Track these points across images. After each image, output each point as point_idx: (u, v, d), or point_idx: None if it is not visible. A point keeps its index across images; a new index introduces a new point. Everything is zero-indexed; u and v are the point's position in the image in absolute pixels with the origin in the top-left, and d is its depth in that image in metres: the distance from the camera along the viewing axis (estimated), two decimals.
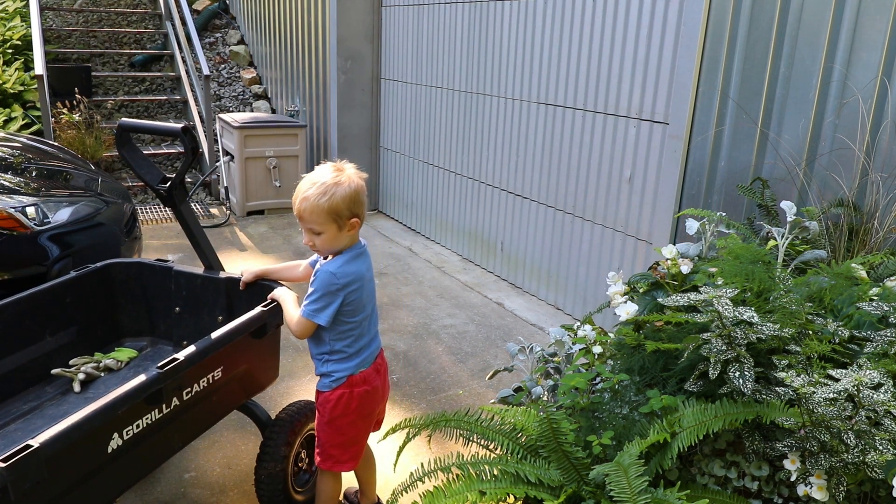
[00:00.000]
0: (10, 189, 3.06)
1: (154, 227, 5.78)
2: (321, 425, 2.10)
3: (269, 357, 2.37)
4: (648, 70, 3.58)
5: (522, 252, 4.72)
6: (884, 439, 1.54)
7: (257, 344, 2.19)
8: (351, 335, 2.01)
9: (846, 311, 1.94)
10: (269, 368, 2.38)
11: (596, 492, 1.64)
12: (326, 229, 1.90)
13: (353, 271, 1.95)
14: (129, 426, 1.74)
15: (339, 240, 1.93)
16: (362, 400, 2.07)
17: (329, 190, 1.87)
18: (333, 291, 1.92)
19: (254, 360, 2.26)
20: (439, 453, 1.87)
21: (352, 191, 1.90)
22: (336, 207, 1.87)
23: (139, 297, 2.64)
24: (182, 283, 2.55)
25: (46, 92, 5.83)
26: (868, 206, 2.58)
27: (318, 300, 1.92)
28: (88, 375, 2.44)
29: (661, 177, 3.47)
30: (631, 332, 2.07)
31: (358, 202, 1.92)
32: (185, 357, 1.85)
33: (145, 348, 2.65)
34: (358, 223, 1.94)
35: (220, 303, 2.47)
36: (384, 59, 6.25)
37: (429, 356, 3.73)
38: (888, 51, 2.54)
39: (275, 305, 2.16)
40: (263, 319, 2.13)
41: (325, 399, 2.06)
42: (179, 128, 2.20)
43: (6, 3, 7.75)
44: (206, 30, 8.97)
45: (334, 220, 1.89)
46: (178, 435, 1.99)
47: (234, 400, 2.24)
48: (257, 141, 6.11)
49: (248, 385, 2.29)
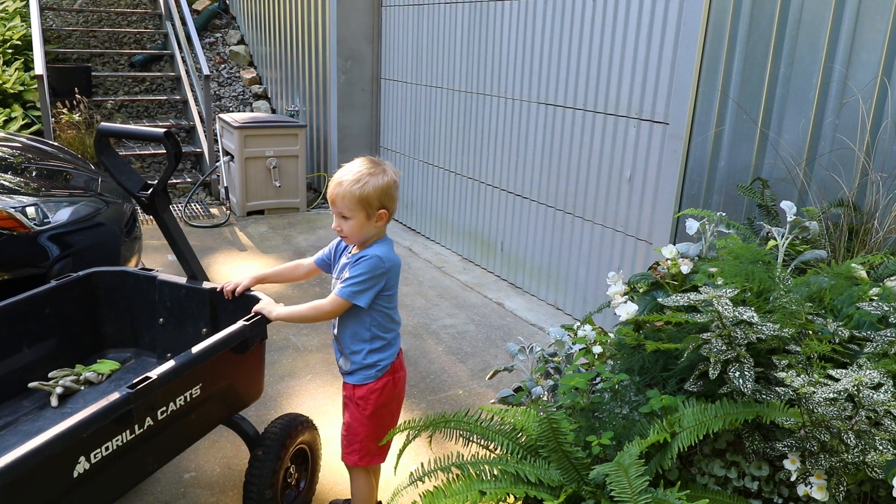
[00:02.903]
0: (10, 189, 3.06)
1: (154, 227, 5.77)
2: (361, 420, 2.12)
3: (253, 372, 2.27)
4: (648, 70, 3.58)
5: (522, 252, 4.72)
6: (884, 439, 1.54)
7: (240, 359, 2.11)
8: (389, 325, 2.10)
9: (846, 311, 1.94)
10: (252, 384, 2.29)
11: (596, 492, 1.64)
12: (355, 216, 1.96)
13: (395, 258, 2.05)
14: (98, 449, 1.64)
15: (365, 228, 1.99)
16: (401, 385, 2.20)
17: (363, 178, 1.95)
18: (379, 275, 1.99)
19: (236, 375, 2.16)
20: (439, 453, 1.87)
21: (384, 183, 1.97)
22: (367, 196, 1.94)
23: (123, 307, 2.54)
24: (166, 293, 2.44)
25: (46, 92, 5.83)
26: (868, 206, 2.58)
27: (362, 283, 1.97)
28: (67, 389, 2.35)
29: (661, 177, 3.47)
30: (631, 332, 2.07)
31: (389, 195, 1.99)
32: (159, 376, 1.75)
33: (129, 360, 2.56)
34: (386, 215, 2.00)
35: (204, 314, 2.37)
36: (384, 59, 6.25)
37: (429, 356, 3.73)
38: (888, 51, 2.54)
39: (257, 320, 2.09)
40: (245, 334, 2.04)
41: (369, 391, 2.10)
42: (162, 132, 2.11)
43: (6, 3, 7.75)
44: (206, 30, 8.97)
45: (364, 207, 1.95)
46: (152, 456, 1.89)
47: (215, 418, 2.14)
48: (257, 141, 6.11)
49: (231, 402, 2.20)
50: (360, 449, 2.15)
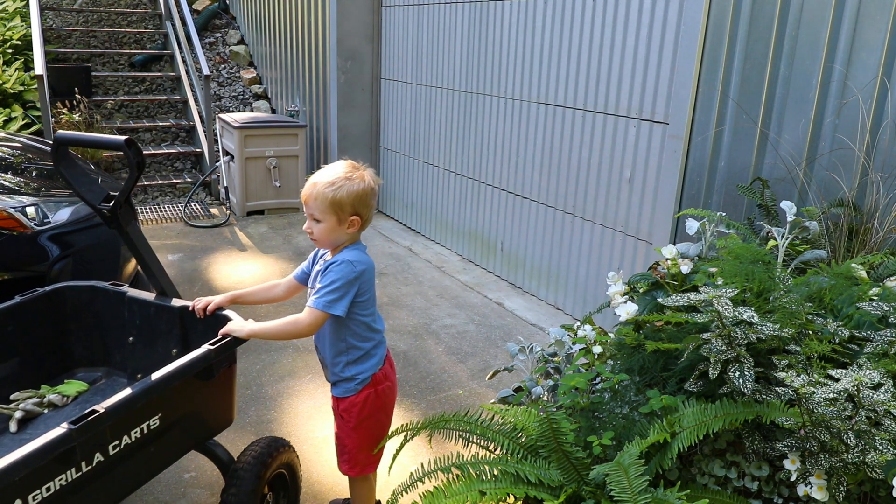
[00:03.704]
0: (10, 189, 3.06)
1: (154, 227, 5.78)
2: (347, 432, 2.08)
3: (222, 398, 2.11)
4: (648, 70, 3.58)
5: (522, 252, 4.72)
6: (884, 439, 1.54)
7: (206, 385, 1.97)
8: (368, 330, 2.02)
9: (846, 311, 1.94)
10: (221, 411, 2.13)
11: (596, 492, 1.64)
12: (326, 219, 1.91)
13: (367, 261, 1.98)
14: (37, 490, 1.48)
15: (336, 233, 1.94)
16: (386, 397, 2.11)
17: (338, 182, 1.90)
18: (352, 280, 1.92)
19: (202, 403, 2.01)
20: (439, 453, 1.87)
21: (360, 189, 1.91)
22: (339, 200, 1.89)
23: (93, 323, 2.39)
24: (135, 310, 2.29)
25: (46, 92, 5.83)
26: (868, 206, 2.58)
27: (335, 290, 1.89)
28: (28, 413, 2.18)
29: (661, 177, 3.47)
30: (631, 332, 2.07)
31: (363, 202, 1.93)
32: (107, 409, 1.60)
33: (99, 380, 2.41)
34: (358, 222, 1.94)
35: (175, 334, 2.23)
36: (384, 59, 6.25)
37: (429, 356, 3.73)
38: (888, 51, 2.54)
39: (224, 343, 1.95)
40: (209, 360, 1.89)
41: (350, 404, 2.05)
42: (122, 140, 1.96)
43: (6, 3, 7.75)
44: (206, 30, 8.97)
45: (335, 212, 1.90)
46: (103, 494, 1.71)
47: (179, 448, 1.99)
48: (257, 141, 6.11)
49: (196, 431, 2.04)
50: (349, 460, 2.12)
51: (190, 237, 5.57)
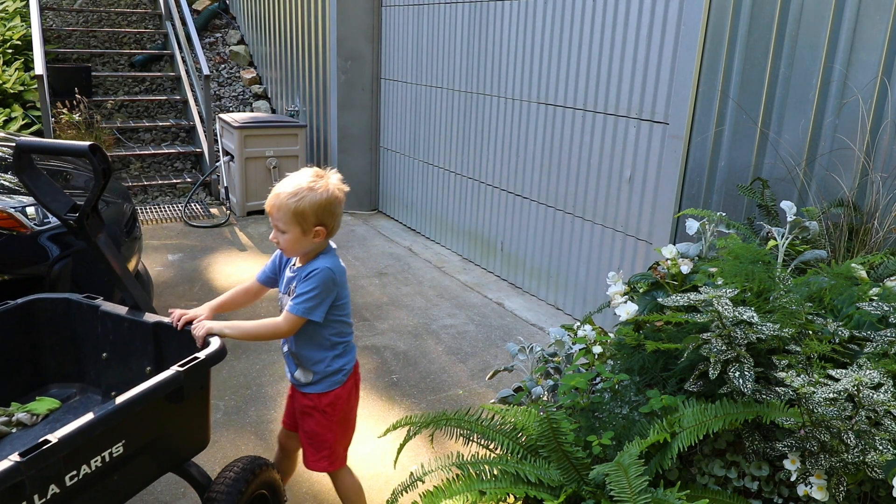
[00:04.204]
0: (10, 189, 3.06)
1: (154, 227, 5.78)
2: (330, 427, 2.09)
3: (194, 421, 1.97)
4: (648, 70, 3.58)
5: (522, 252, 4.72)
6: (884, 439, 1.54)
7: (176, 408, 1.83)
8: (346, 330, 2.08)
9: (846, 311, 1.94)
10: (194, 434, 1.99)
11: (596, 492, 1.64)
12: (290, 230, 1.90)
13: (342, 267, 2.01)
14: None
15: (302, 244, 1.94)
16: (359, 384, 2.21)
17: (301, 192, 1.88)
18: (331, 287, 1.94)
19: (172, 426, 1.89)
20: (439, 453, 1.87)
21: (323, 199, 1.90)
22: (302, 211, 1.88)
23: (67, 337, 2.26)
24: (108, 325, 2.17)
25: (46, 92, 5.82)
26: (868, 206, 2.58)
27: (314, 297, 1.92)
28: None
29: (661, 177, 3.47)
30: (631, 332, 2.07)
31: (328, 212, 1.92)
32: (61, 439, 1.47)
33: (73, 397, 2.28)
34: (323, 232, 1.93)
35: (148, 351, 2.10)
36: (384, 59, 6.25)
37: (429, 356, 3.73)
38: (888, 51, 2.54)
39: (195, 365, 1.81)
40: (179, 382, 1.76)
41: (335, 397, 2.08)
42: (86, 146, 1.85)
43: (6, 3, 7.75)
44: (206, 30, 8.97)
45: (298, 223, 1.89)
46: None
47: (146, 476, 1.86)
48: (257, 141, 6.10)
49: (166, 456, 1.91)
50: (329, 455, 2.12)
51: (190, 237, 5.57)
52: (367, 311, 4.25)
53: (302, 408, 2.11)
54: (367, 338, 3.89)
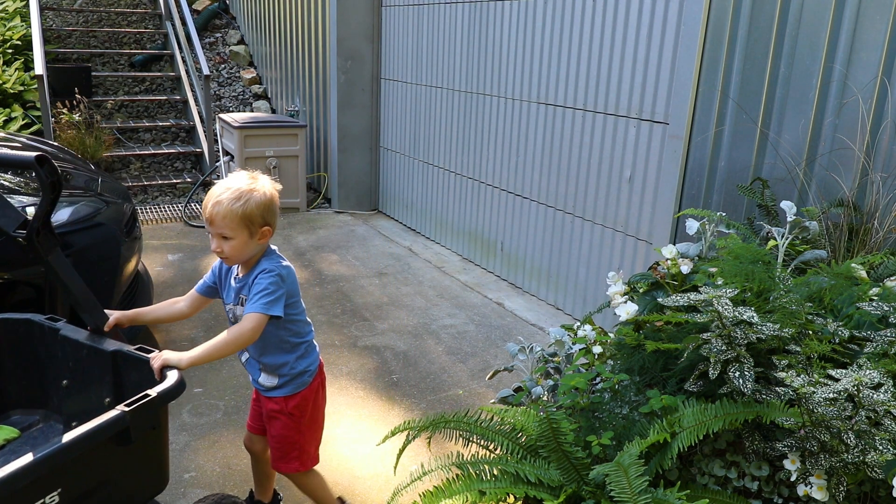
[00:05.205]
0: (10, 189, 3.06)
1: (154, 228, 5.78)
2: (299, 429, 2.07)
3: (147, 463, 1.79)
4: (648, 70, 3.58)
5: (522, 252, 4.72)
6: (884, 439, 1.54)
7: (124, 451, 1.65)
8: (304, 329, 2.06)
9: (846, 311, 1.94)
10: (147, 478, 1.81)
11: (596, 492, 1.64)
12: (237, 235, 1.87)
13: (288, 265, 1.98)
14: None
15: (248, 248, 1.90)
16: (325, 386, 2.19)
17: (244, 195, 1.86)
18: (281, 284, 1.91)
19: (121, 470, 1.70)
20: (439, 453, 1.87)
21: (266, 199, 1.89)
22: (250, 213, 1.86)
23: (30, 361, 2.12)
24: (68, 351, 2.02)
25: (46, 92, 5.82)
26: (868, 206, 2.58)
27: (270, 293, 1.88)
28: None
29: (661, 177, 3.47)
30: (631, 332, 2.07)
31: (271, 211, 1.91)
32: None
33: (35, 425, 2.13)
34: (269, 232, 1.92)
35: (107, 382, 1.94)
36: (384, 59, 6.25)
37: (429, 356, 3.73)
38: (888, 51, 2.54)
39: (143, 404, 1.62)
40: (123, 424, 1.58)
41: (302, 399, 2.06)
42: (32, 157, 1.68)
43: (6, 3, 7.75)
44: (206, 30, 8.97)
45: (247, 226, 1.86)
46: None
47: None
48: (257, 141, 6.11)
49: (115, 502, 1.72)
50: (299, 456, 2.11)
51: (190, 237, 5.57)
52: (367, 311, 4.25)
53: (269, 412, 2.08)
54: (367, 338, 3.89)
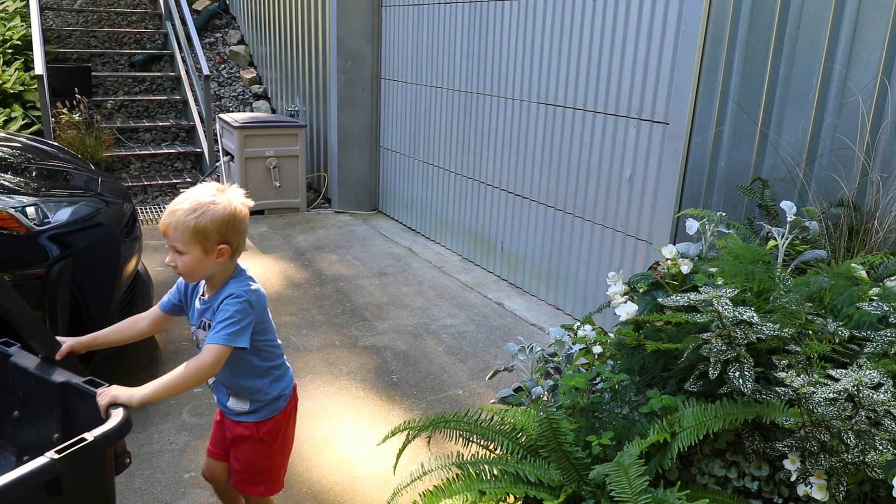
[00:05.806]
0: (10, 189, 3.06)
1: (154, 227, 5.78)
2: (270, 454, 1.98)
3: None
4: (648, 70, 3.58)
5: (522, 252, 4.72)
6: (884, 439, 1.54)
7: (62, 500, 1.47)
8: (276, 352, 1.96)
9: (846, 311, 1.94)
10: None
11: (596, 492, 1.64)
12: (190, 251, 1.72)
13: (258, 289, 1.85)
14: None
15: (204, 266, 1.75)
16: (296, 409, 2.10)
17: (200, 208, 1.71)
18: (249, 311, 1.78)
19: None
20: (439, 453, 1.87)
21: (226, 214, 1.73)
22: (203, 228, 1.70)
23: None
24: (18, 380, 1.86)
25: (46, 92, 5.82)
26: (868, 206, 2.58)
27: (235, 323, 1.74)
28: None
29: (661, 177, 3.47)
30: (631, 332, 2.07)
31: (232, 228, 1.75)
32: None
33: None
34: (228, 251, 1.76)
35: (56, 416, 1.78)
36: (384, 59, 6.25)
37: (429, 356, 3.73)
38: (888, 51, 2.54)
39: (76, 450, 1.42)
40: (53, 473, 1.38)
41: (276, 423, 1.96)
42: None
43: (6, 3, 7.75)
44: (206, 30, 8.97)
45: (199, 241, 1.71)
46: None
47: None
48: (257, 141, 6.10)
49: None
50: (266, 480, 2.01)
51: None
52: (367, 311, 4.25)
53: (235, 437, 1.96)
54: (367, 338, 3.89)
